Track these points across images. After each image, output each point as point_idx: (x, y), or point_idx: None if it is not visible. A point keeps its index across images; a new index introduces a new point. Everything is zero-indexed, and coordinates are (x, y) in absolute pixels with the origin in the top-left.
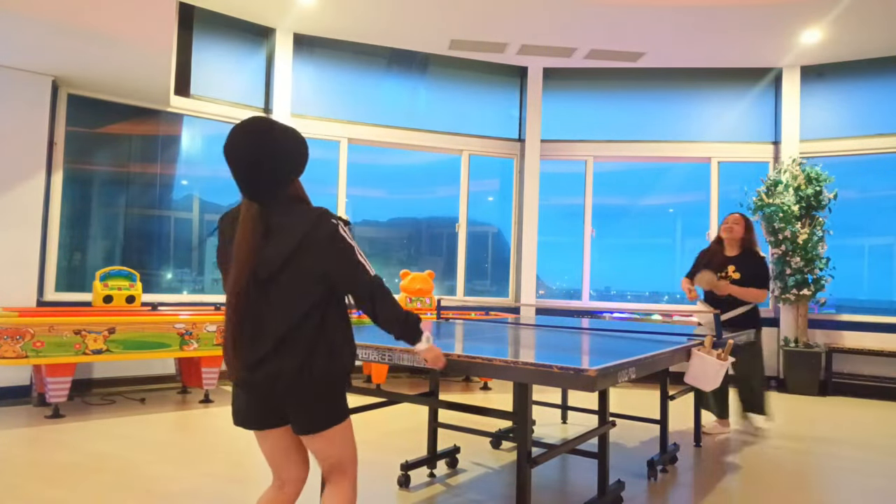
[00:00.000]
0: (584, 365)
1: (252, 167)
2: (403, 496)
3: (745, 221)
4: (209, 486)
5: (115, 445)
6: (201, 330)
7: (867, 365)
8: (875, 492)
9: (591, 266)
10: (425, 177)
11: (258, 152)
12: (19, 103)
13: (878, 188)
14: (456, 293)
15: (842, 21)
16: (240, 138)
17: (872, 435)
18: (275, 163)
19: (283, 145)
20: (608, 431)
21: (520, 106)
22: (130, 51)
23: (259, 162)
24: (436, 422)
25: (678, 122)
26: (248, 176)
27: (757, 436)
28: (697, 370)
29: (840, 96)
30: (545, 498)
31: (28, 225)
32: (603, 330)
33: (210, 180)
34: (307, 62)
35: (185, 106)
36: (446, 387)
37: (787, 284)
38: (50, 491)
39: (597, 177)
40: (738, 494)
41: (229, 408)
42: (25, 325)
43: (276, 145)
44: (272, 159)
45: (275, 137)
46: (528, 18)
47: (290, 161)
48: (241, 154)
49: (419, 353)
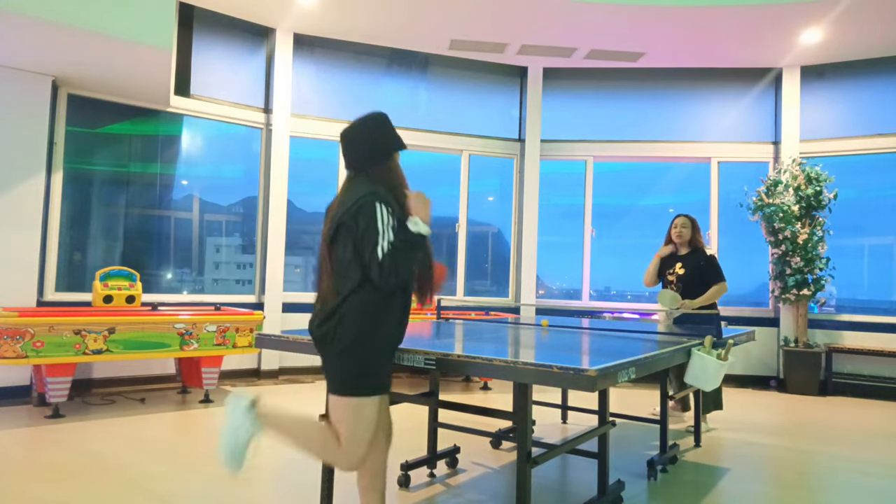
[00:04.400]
0: (584, 365)
1: (343, 146)
2: (403, 496)
3: (691, 224)
4: (209, 486)
5: (115, 445)
6: (201, 330)
7: (867, 365)
8: (875, 492)
9: (591, 266)
10: (425, 177)
11: (346, 134)
12: (19, 103)
13: (878, 188)
14: (456, 293)
15: (842, 21)
16: (349, 125)
17: (872, 435)
18: (353, 146)
19: (361, 134)
20: (608, 431)
21: (520, 106)
22: (130, 51)
23: (346, 142)
24: (436, 422)
25: (678, 122)
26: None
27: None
28: (697, 370)
29: (840, 96)
30: (545, 498)
31: (28, 225)
32: (603, 330)
33: (210, 180)
34: (307, 62)
35: (185, 106)
36: (446, 387)
37: (787, 284)
38: (50, 491)
39: (597, 177)
40: (738, 494)
41: None
42: (25, 325)
43: (355, 133)
44: (351, 143)
45: (356, 127)
46: (528, 18)
47: (364, 148)
48: (341, 135)
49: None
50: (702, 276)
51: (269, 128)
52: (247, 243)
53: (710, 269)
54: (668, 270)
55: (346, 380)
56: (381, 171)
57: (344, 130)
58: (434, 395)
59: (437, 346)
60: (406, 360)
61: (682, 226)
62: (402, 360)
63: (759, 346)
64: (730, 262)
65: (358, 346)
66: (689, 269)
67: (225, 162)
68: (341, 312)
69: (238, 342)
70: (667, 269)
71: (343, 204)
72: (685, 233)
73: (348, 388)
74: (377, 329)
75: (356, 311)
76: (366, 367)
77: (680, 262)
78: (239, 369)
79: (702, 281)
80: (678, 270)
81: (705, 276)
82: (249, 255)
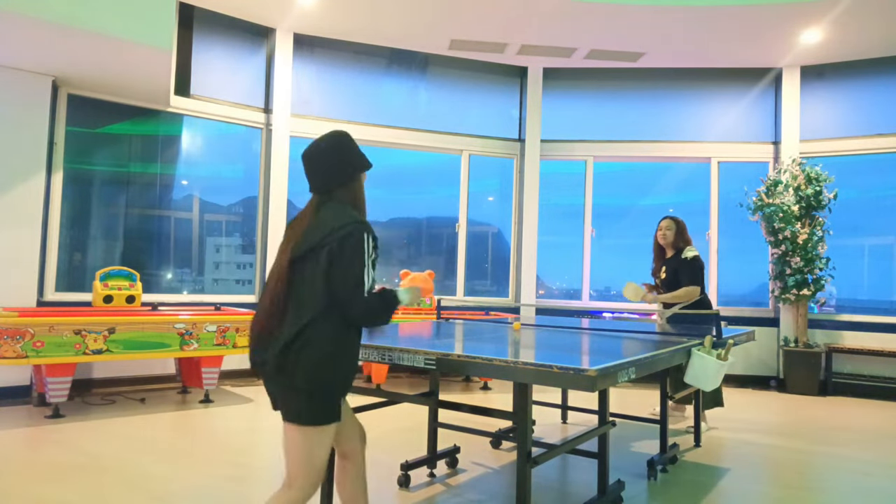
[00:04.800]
0: (584, 365)
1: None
2: (403, 496)
3: (676, 226)
4: (209, 486)
5: (115, 445)
6: (201, 330)
7: (867, 365)
8: (875, 492)
9: (591, 266)
10: (425, 177)
11: (309, 155)
12: (19, 103)
13: (878, 188)
14: (456, 293)
15: (842, 21)
16: (311, 145)
17: (872, 435)
18: (318, 166)
19: (326, 154)
20: (608, 431)
21: (520, 106)
22: (130, 51)
23: (309, 162)
24: (436, 422)
25: (678, 122)
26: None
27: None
28: (697, 370)
29: (840, 96)
30: (545, 498)
31: (28, 225)
32: (603, 330)
33: (210, 180)
34: (307, 62)
35: (185, 106)
36: (446, 387)
37: (787, 284)
38: (50, 491)
39: (597, 177)
40: (738, 494)
41: (229, 407)
42: (25, 325)
43: (320, 153)
44: (315, 163)
45: (320, 147)
46: (528, 18)
47: (330, 168)
48: (303, 155)
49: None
50: (678, 278)
51: (269, 128)
52: (247, 243)
53: (684, 271)
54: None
55: (309, 410)
56: (347, 192)
57: (306, 151)
58: (434, 395)
59: (437, 346)
60: (406, 360)
61: (665, 228)
62: (402, 361)
63: (759, 346)
64: (730, 262)
65: (322, 375)
66: (670, 271)
67: (225, 162)
68: (304, 338)
69: (238, 342)
70: (658, 273)
71: (321, 227)
72: (669, 235)
73: (310, 418)
74: (343, 357)
75: (323, 338)
76: (329, 396)
77: (665, 266)
78: (239, 369)
79: (678, 282)
80: (661, 275)
81: (679, 278)
82: (249, 255)
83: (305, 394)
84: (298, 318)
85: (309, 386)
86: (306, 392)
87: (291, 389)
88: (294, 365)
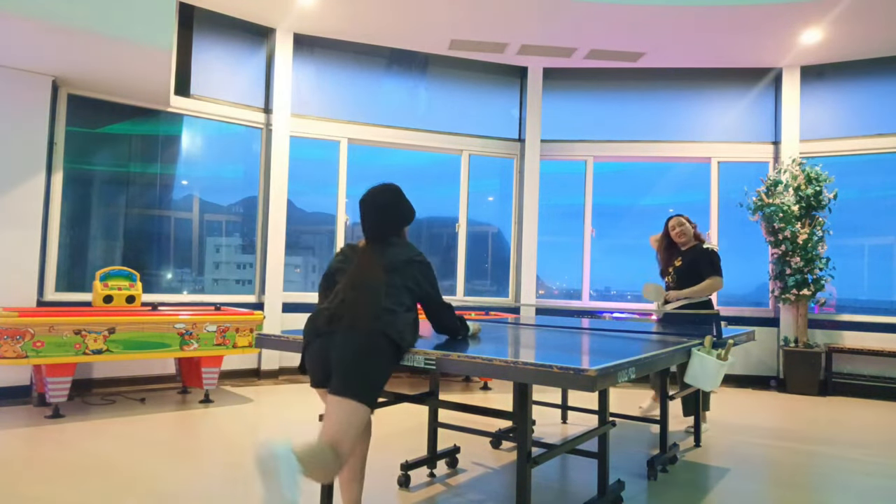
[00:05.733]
0: (584, 365)
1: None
2: (403, 496)
3: (687, 221)
4: (209, 486)
5: (115, 445)
6: (201, 330)
7: (867, 365)
8: (875, 492)
9: (591, 266)
10: (425, 177)
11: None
12: (19, 103)
13: (878, 188)
14: (456, 293)
15: (842, 21)
16: (367, 196)
17: (872, 435)
18: (379, 218)
19: (387, 211)
20: (608, 431)
21: (520, 106)
22: (130, 51)
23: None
24: (436, 422)
25: (678, 122)
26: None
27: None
28: (697, 370)
29: (840, 96)
30: (545, 498)
31: (28, 225)
32: (603, 330)
33: (210, 180)
34: (307, 62)
35: (185, 106)
36: (446, 387)
37: (787, 284)
38: (50, 491)
39: (597, 177)
40: (738, 494)
41: (229, 407)
42: (25, 325)
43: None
44: (377, 215)
45: (378, 202)
46: (528, 18)
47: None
48: (364, 204)
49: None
50: (698, 269)
51: (269, 128)
52: (247, 243)
53: (705, 262)
54: (671, 264)
55: (366, 388)
56: (399, 238)
57: (370, 199)
58: (434, 395)
59: (437, 347)
60: (406, 360)
61: (678, 226)
62: (401, 360)
63: (759, 346)
64: (730, 263)
65: (393, 353)
66: (686, 262)
67: (225, 162)
68: (398, 316)
69: (238, 342)
70: (669, 264)
71: (402, 253)
72: (685, 230)
73: (365, 396)
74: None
75: (410, 323)
76: (382, 380)
77: (679, 257)
78: (239, 369)
79: (697, 274)
80: (676, 263)
81: (700, 269)
82: (249, 255)
83: (366, 370)
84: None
85: (372, 360)
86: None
87: (353, 363)
88: (389, 324)
